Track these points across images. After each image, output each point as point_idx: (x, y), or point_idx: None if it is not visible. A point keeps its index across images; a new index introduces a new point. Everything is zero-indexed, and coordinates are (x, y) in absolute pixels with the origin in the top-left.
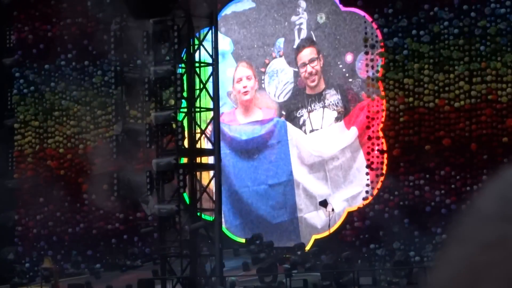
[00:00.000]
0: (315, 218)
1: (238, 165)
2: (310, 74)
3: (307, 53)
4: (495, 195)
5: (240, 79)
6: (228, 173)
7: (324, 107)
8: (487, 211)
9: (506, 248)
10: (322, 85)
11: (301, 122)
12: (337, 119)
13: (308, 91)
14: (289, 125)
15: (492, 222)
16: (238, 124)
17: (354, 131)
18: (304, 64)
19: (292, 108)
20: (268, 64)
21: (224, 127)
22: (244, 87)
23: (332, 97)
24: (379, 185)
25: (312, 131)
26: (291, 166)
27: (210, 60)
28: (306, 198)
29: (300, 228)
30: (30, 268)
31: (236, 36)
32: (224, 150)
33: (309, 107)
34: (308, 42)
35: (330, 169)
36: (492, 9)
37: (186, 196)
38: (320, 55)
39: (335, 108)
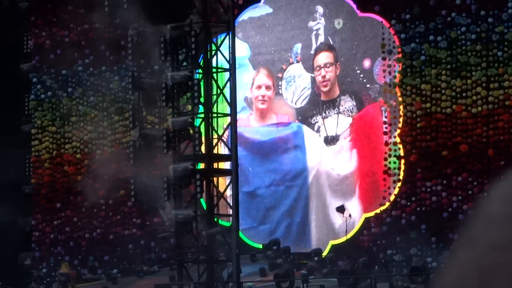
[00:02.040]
0: (329, 223)
1: (254, 166)
2: (324, 78)
3: (324, 57)
4: (501, 198)
5: (260, 87)
6: (245, 174)
7: (338, 113)
8: (494, 213)
9: None
10: (337, 92)
11: (316, 128)
12: (352, 125)
13: (322, 97)
14: (306, 129)
15: (499, 224)
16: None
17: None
18: (319, 68)
19: (308, 115)
20: (285, 69)
21: (240, 129)
22: (263, 96)
23: (347, 103)
24: (396, 191)
25: (327, 138)
26: (307, 170)
27: (227, 66)
28: (321, 203)
29: (312, 232)
30: (47, 273)
31: (253, 41)
32: (241, 152)
33: (323, 114)
34: (326, 46)
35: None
36: (509, 14)
37: (203, 201)
38: (338, 63)
39: (350, 114)
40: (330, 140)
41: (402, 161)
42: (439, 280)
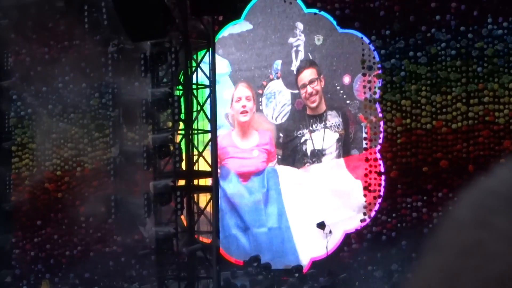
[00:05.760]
0: (310, 238)
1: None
2: (310, 94)
3: (307, 74)
4: (470, 203)
5: (240, 99)
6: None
7: (325, 127)
8: (462, 218)
9: (480, 254)
10: (323, 107)
11: (302, 140)
12: (338, 141)
13: (309, 112)
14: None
15: (467, 229)
16: (235, 153)
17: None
18: (304, 85)
19: (291, 129)
20: (266, 86)
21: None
22: (243, 106)
23: (334, 118)
24: (376, 207)
25: (313, 151)
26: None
27: (207, 82)
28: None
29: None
30: None
31: (233, 58)
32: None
33: (310, 127)
34: (308, 63)
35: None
36: (489, 30)
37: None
38: (321, 76)
39: (337, 130)
40: (316, 154)
41: (383, 177)
42: (406, 287)
